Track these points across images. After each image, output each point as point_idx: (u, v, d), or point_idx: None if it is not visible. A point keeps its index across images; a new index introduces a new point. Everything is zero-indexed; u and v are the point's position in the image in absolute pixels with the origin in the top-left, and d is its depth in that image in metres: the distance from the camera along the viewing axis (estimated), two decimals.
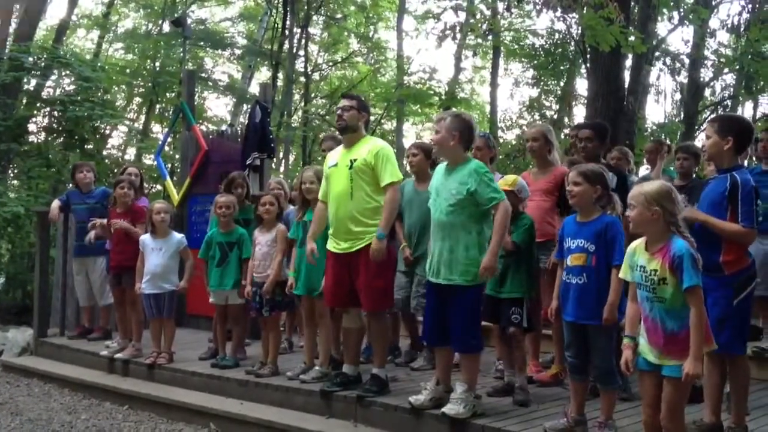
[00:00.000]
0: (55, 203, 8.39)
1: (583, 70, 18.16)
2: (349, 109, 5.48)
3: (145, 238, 6.99)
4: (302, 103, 22.59)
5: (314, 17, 22.27)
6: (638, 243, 3.82)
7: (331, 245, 5.49)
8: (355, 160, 5.37)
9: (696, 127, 18.19)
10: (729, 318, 4.18)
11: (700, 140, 15.41)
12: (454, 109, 6.19)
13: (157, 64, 21.13)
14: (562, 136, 16.38)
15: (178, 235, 7.14)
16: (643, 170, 10.02)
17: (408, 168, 6.63)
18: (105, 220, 7.66)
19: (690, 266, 3.53)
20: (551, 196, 5.80)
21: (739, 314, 4.24)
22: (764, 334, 6.02)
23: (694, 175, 6.59)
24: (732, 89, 19.31)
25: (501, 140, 20.74)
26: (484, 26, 13.82)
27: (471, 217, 4.84)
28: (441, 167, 5.13)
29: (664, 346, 3.62)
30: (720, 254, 4.24)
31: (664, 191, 3.71)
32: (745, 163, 6.84)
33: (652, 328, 3.70)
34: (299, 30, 20.85)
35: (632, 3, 12.37)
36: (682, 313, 3.58)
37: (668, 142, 10.47)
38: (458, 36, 12.83)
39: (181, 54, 17.03)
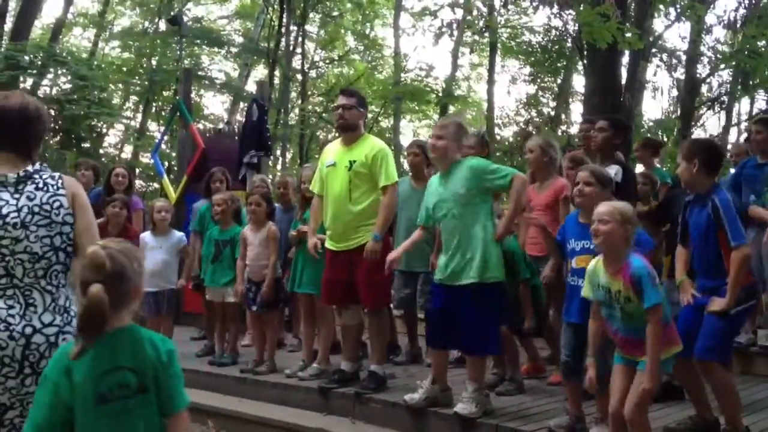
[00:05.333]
0: None
1: (580, 67, 18.18)
2: (350, 108, 5.44)
3: (146, 236, 6.99)
4: (299, 101, 22.59)
5: (311, 15, 22.26)
6: (597, 262, 3.85)
7: (330, 244, 5.50)
8: (354, 161, 5.34)
9: (693, 124, 18.22)
10: (716, 328, 4.11)
11: (696, 137, 15.42)
12: (454, 116, 6.19)
13: (154, 62, 21.15)
14: (560, 132, 16.40)
15: (178, 234, 7.13)
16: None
17: (407, 166, 6.59)
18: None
19: (649, 285, 3.60)
20: (552, 211, 5.74)
21: (728, 326, 4.16)
22: (744, 330, 5.99)
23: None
24: (728, 86, 19.32)
25: (498, 137, 20.76)
26: (481, 23, 13.84)
27: (480, 212, 4.78)
28: (434, 179, 5.07)
29: (641, 350, 3.67)
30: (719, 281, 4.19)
31: (632, 211, 3.82)
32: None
33: (623, 340, 3.77)
34: (296, 27, 20.84)
35: None
36: None
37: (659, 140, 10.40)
38: (455, 33, 12.86)
39: (178, 52, 17.02)
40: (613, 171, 5.12)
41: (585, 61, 13.97)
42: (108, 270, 2.22)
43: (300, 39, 21.50)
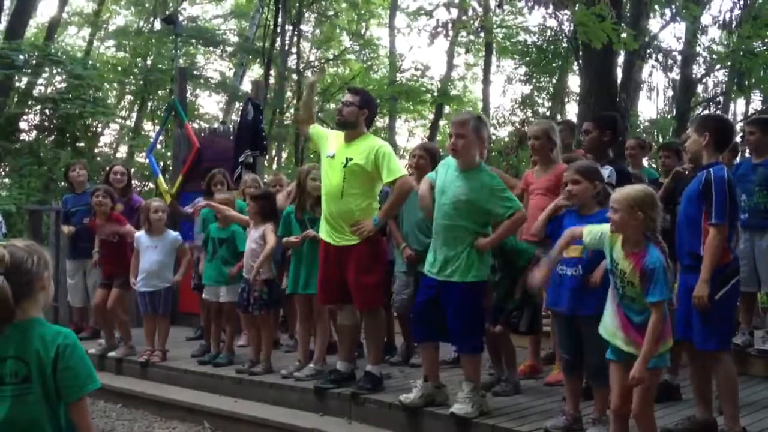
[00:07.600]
0: (63, 226, 8.23)
1: (575, 67, 18.18)
2: (349, 105, 5.44)
3: (141, 236, 6.95)
4: (294, 101, 22.53)
5: (306, 14, 22.22)
6: (617, 234, 3.87)
7: (326, 235, 5.50)
8: (350, 159, 5.34)
9: (688, 124, 18.20)
10: (708, 313, 4.12)
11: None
12: (470, 110, 6.15)
13: (149, 61, 21.09)
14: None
15: (173, 233, 7.09)
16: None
17: (409, 168, 6.48)
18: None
19: (661, 280, 3.59)
20: (553, 195, 5.76)
21: (719, 310, 4.16)
22: (739, 330, 5.99)
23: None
24: (724, 86, 19.35)
25: (494, 137, 20.74)
26: (476, 23, 13.82)
27: (475, 222, 4.79)
28: (450, 162, 4.98)
29: (634, 337, 3.70)
30: (702, 247, 4.19)
31: (649, 197, 3.75)
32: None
33: (620, 315, 3.79)
34: (291, 27, 20.80)
35: None
36: (647, 311, 3.65)
37: (647, 140, 10.38)
38: (450, 33, 12.83)
39: (173, 51, 16.98)
40: (606, 173, 5.12)
41: (580, 61, 13.95)
42: (7, 263, 2.43)
43: (295, 38, 21.47)
